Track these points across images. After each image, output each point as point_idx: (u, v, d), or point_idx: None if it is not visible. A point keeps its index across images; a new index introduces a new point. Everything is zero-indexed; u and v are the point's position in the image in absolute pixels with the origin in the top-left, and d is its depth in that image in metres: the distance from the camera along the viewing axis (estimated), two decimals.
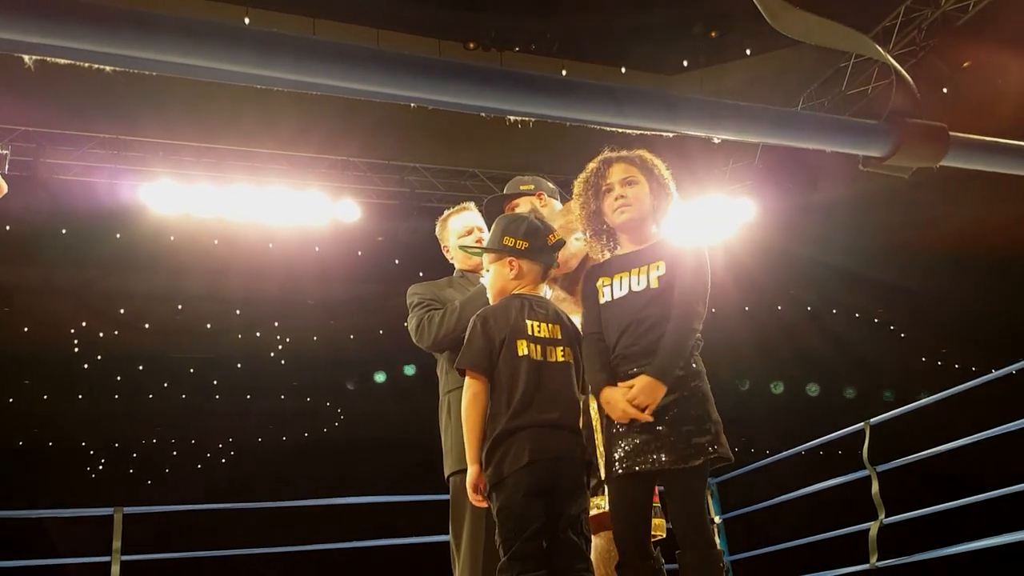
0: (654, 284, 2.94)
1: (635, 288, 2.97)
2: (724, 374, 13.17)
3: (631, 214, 3.04)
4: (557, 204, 3.95)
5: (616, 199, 3.04)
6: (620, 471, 2.85)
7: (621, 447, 2.86)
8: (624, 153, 3.13)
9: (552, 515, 2.76)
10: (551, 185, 3.99)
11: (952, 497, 5.31)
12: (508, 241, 3.04)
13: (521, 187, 3.93)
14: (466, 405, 2.89)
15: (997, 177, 1.36)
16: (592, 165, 3.15)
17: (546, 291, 3.19)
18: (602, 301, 3.02)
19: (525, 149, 9.17)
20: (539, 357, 2.88)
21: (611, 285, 3.02)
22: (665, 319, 2.88)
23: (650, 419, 2.79)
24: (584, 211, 3.11)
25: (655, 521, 3.05)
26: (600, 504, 3.17)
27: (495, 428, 2.82)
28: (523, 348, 2.87)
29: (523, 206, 3.87)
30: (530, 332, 2.90)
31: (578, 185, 3.15)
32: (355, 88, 0.98)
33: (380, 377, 14.39)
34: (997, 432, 5.07)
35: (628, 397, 2.79)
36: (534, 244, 3.01)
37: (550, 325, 2.95)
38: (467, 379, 2.93)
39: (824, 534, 6.14)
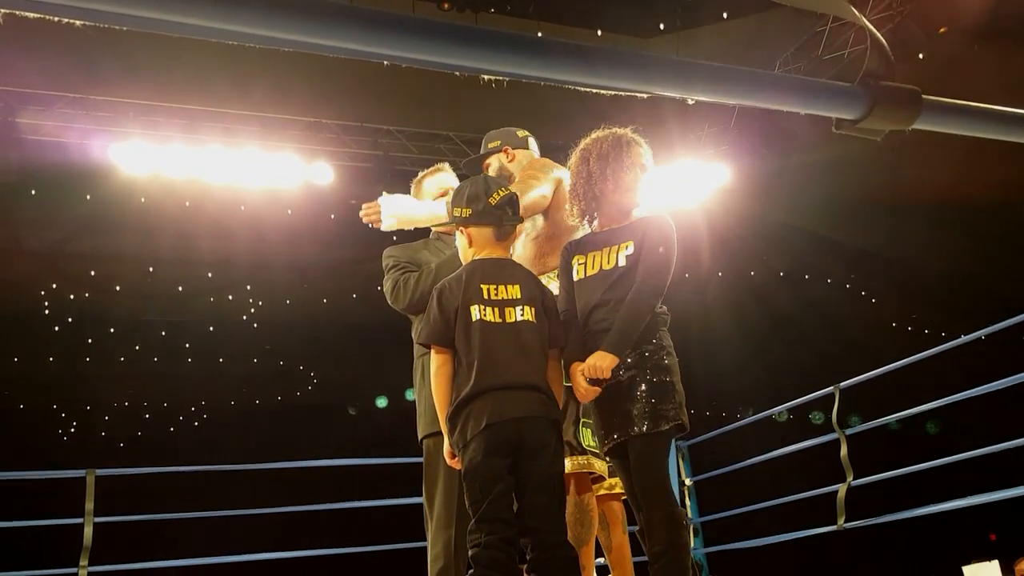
0: (622, 262, 3.01)
1: (605, 267, 3.04)
2: (696, 339, 13.25)
3: (642, 200, 3.13)
4: (533, 151, 3.92)
5: (637, 181, 3.11)
6: (608, 447, 2.98)
7: (603, 424, 2.99)
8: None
9: (521, 476, 2.78)
10: (521, 133, 3.93)
11: (919, 460, 5.38)
12: (456, 211, 3.07)
13: (489, 145, 3.92)
14: (433, 379, 2.96)
15: (970, 142, 1.36)
16: (615, 136, 3.14)
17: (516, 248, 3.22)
18: (576, 279, 3.10)
19: (500, 112, 9.10)
20: (496, 319, 2.90)
21: (584, 263, 3.09)
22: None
23: (597, 391, 2.90)
24: (591, 179, 3.10)
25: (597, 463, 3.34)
26: (569, 464, 3.21)
27: (458, 395, 2.86)
28: (476, 313, 2.89)
29: (493, 165, 3.88)
30: (485, 296, 2.92)
31: (594, 146, 3.14)
32: (327, 45, 0.97)
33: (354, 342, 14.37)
34: (964, 396, 5.13)
35: (581, 370, 2.90)
36: (476, 208, 3.02)
37: (507, 286, 2.96)
38: (432, 353, 2.98)
39: (793, 496, 6.21)
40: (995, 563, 5.45)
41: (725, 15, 10.07)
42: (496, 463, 2.76)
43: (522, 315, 2.92)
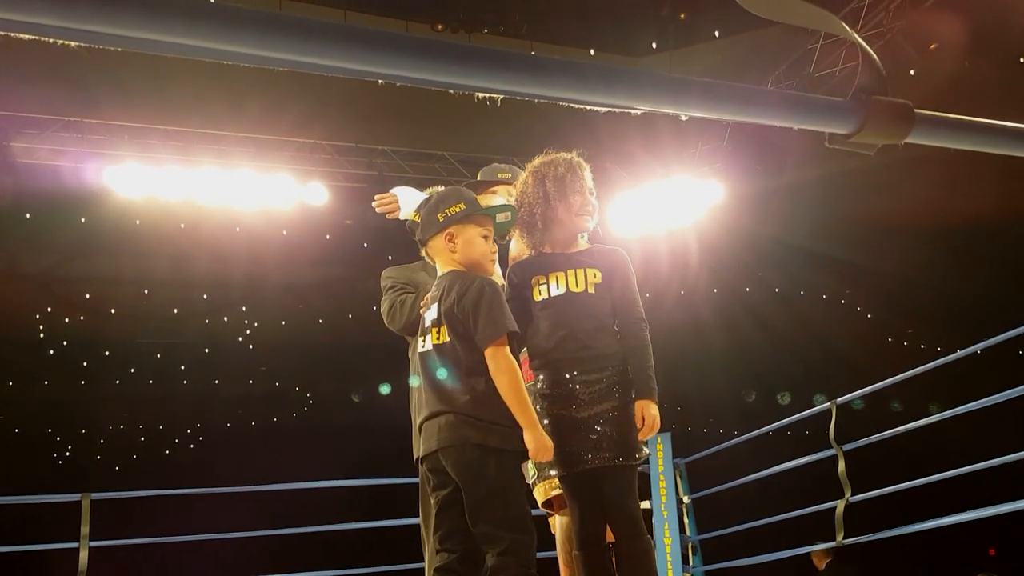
0: (591, 290, 3.04)
1: (573, 289, 3.04)
2: (692, 356, 13.25)
3: (593, 224, 3.17)
4: None
5: (588, 204, 3.14)
6: (566, 472, 3.00)
7: (565, 450, 2.97)
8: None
9: (467, 504, 2.81)
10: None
11: (917, 475, 5.36)
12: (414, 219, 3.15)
13: (499, 175, 3.96)
14: None
15: (963, 158, 1.37)
16: (567, 159, 3.17)
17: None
18: (540, 299, 3.08)
19: (494, 131, 9.14)
20: (427, 347, 2.95)
21: (547, 284, 3.08)
22: (605, 325, 3.04)
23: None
24: (534, 200, 3.12)
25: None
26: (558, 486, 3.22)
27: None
28: (415, 345, 3.03)
29: (500, 194, 3.89)
30: (425, 324, 2.99)
31: (548, 168, 3.15)
32: (322, 64, 0.97)
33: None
34: (961, 411, 5.13)
35: (648, 429, 2.94)
36: (426, 220, 3.03)
37: (433, 305, 2.99)
38: None
39: (791, 512, 6.19)
40: None
41: (717, 33, 10.11)
42: (436, 493, 2.86)
43: (441, 337, 2.92)
